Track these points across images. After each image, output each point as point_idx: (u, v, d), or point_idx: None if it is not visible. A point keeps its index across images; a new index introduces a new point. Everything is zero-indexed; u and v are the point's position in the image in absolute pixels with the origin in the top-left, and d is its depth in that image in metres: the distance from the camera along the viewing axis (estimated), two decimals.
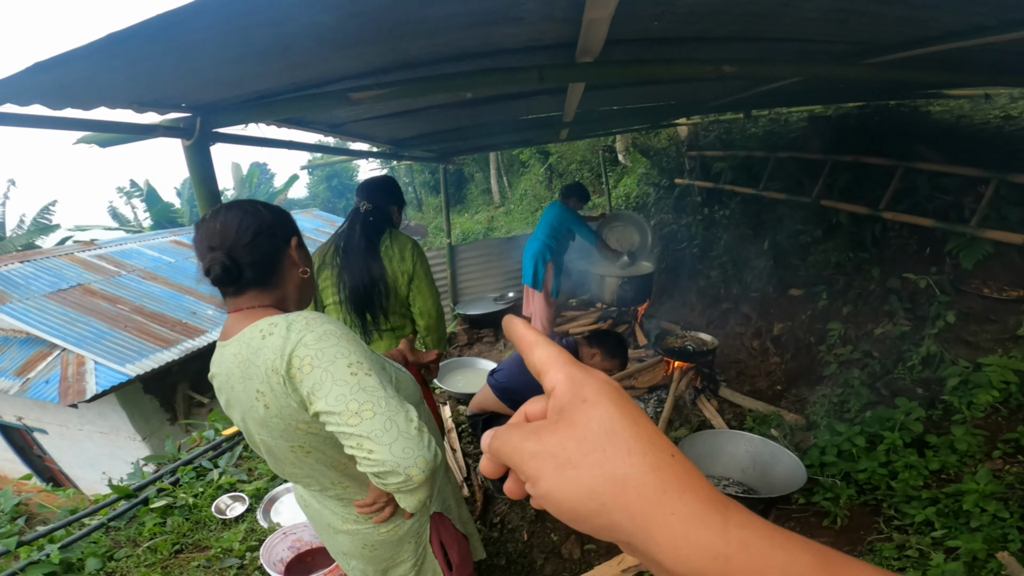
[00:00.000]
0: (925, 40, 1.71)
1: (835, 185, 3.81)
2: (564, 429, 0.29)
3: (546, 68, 1.74)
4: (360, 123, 3.05)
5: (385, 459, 0.94)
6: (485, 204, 16.07)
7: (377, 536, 1.32)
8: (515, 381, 2.84)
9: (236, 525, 2.83)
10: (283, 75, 1.71)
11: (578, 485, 0.27)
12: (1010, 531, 2.04)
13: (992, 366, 2.57)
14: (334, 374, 0.97)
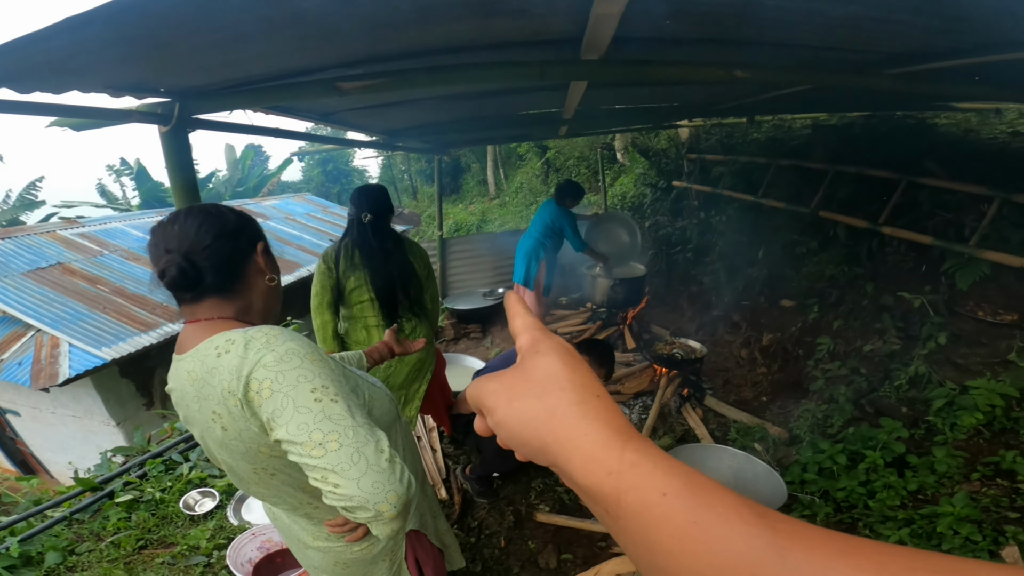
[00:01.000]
0: (953, 52, 1.65)
1: (835, 196, 3.74)
2: (519, 373, 0.37)
3: (549, 64, 1.68)
4: (352, 112, 2.97)
5: (352, 494, 0.86)
6: (480, 195, 15.96)
7: (350, 555, 1.26)
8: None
9: (205, 522, 2.76)
10: (269, 62, 1.64)
11: (522, 413, 0.34)
12: (981, 555, 2.03)
13: (979, 389, 2.56)
14: (296, 400, 0.89)
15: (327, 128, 3.68)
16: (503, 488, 2.99)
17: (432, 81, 1.76)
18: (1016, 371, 2.54)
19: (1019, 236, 2.75)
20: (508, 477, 3.03)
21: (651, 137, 7.52)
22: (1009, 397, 2.50)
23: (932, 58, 1.74)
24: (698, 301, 4.78)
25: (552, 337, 0.38)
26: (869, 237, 3.40)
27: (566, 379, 0.34)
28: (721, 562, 0.25)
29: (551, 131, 5.21)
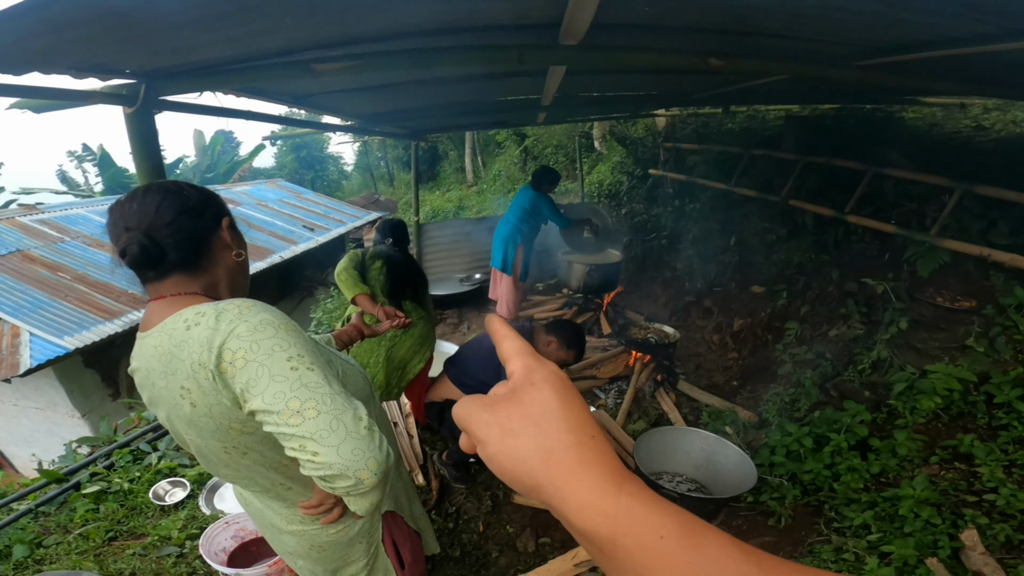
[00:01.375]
0: (921, 45, 1.69)
1: (804, 186, 3.84)
2: (513, 406, 0.36)
3: (527, 48, 1.67)
4: (327, 96, 2.91)
5: (332, 462, 0.86)
6: (458, 183, 15.86)
7: (325, 537, 1.25)
8: (471, 368, 2.81)
9: (176, 512, 2.72)
10: (241, 43, 1.59)
11: (516, 451, 0.34)
12: (940, 537, 2.10)
13: (938, 373, 2.62)
14: (271, 369, 0.88)
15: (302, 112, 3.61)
16: (480, 473, 3.01)
17: (409, 63, 1.74)
18: (973, 356, 2.62)
19: (978, 226, 2.86)
20: None
21: (628, 126, 7.57)
22: (966, 382, 2.57)
23: (900, 51, 1.78)
24: (672, 287, 4.87)
25: (546, 365, 0.38)
26: (836, 225, 3.50)
27: (562, 418, 0.34)
28: None
29: (529, 117, 5.20)
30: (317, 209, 11.04)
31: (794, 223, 3.88)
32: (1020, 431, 2.36)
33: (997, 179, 2.87)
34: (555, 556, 2.42)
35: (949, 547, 2.06)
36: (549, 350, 2.83)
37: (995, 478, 2.25)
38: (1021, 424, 2.38)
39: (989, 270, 2.80)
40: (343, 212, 11.34)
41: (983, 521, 2.13)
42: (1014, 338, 2.57)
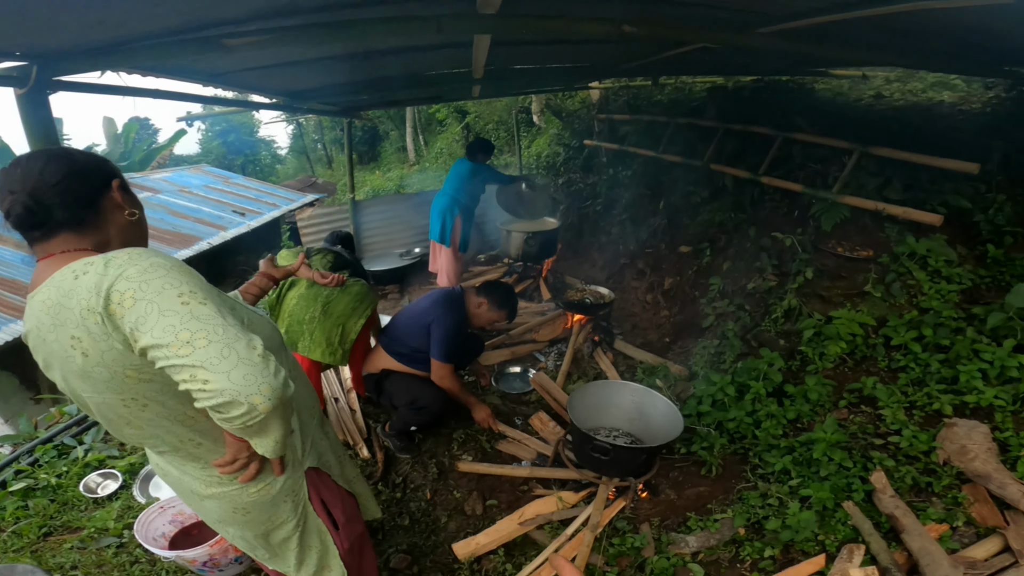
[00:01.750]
0: (814, 11, 1.78)
1: (724, 151, 4.06)
2: None
3: (445, 18, 1.68)
4: (246, 73, 2.81)
5: (223, 387, 0.86)
6: (400, 162, 15.53)
7: (247, 497, 1.24)
8: (403, 336, 2.83)
9: (110, 503, 2.64)
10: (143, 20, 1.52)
11: None
12: (854, 481, 2.23)
13: (841, 319, 2.79)
14: (161, 305, 0.88)
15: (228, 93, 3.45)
16: (425, 442, 3.06)
17: (326, 37, 1.72)
18: (872, 301, 2.85)
19: (874, 183, 3.12)
20: (428, 430, 3.10)
21: (564, 99, 7.67)
22: (867, 326, 2.77)
23: (794, 17, 1.90)
24: (607, 251, 5.05)
25: None
26: (751, 186, 3.74)
27: None
28: None
29: (464, 91, 5.17)
30: (248, 194, 10.52)
31: (715, 186, 4.10)
32: (917, 372, 2.55)
33: (893, 142, 3.13)
34: (502, 517, 2.50)
35: (862, 490, 2.19)
36: (480, 311, 2.88)
37: (897, 420, 2.41)
38: (918, 366, 2.57)
39: (884, 222, 3.07)
40: (277, 196, 10.87)
41: (890, 464, 2.27)
42: (908, 283, 2.82)
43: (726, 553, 2.17)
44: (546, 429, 3.11)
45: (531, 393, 3.53)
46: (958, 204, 2.90)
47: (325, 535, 1.43)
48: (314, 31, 1.68)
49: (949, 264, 2.82)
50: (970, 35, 2.09)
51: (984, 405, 2.34)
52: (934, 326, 2.63)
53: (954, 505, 2.07)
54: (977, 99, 3.81)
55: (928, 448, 2.27)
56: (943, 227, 2.85)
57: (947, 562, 1.80)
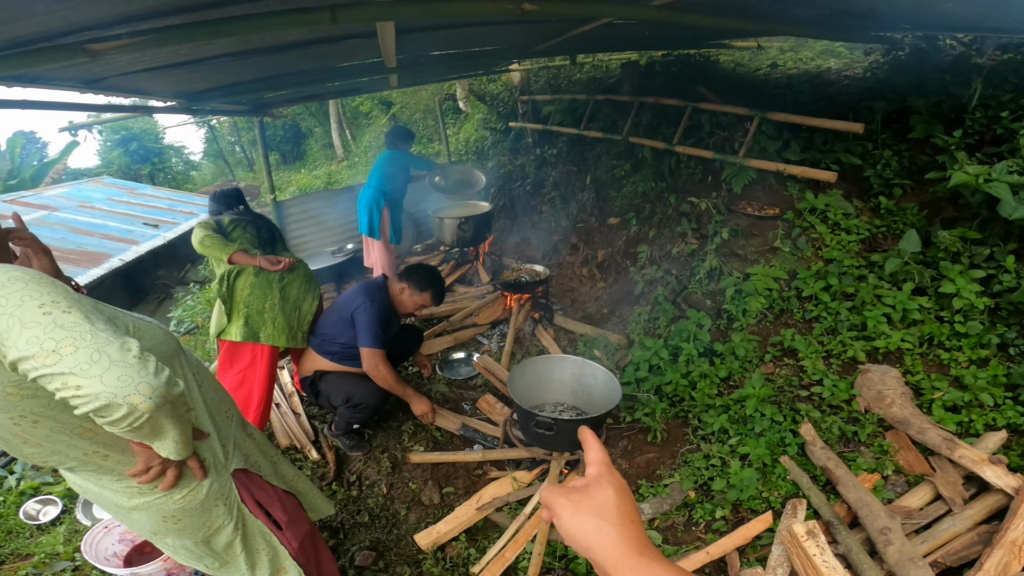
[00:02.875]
0: None
1: (641, 124, 4.21)
2: (585, 495, 0.55)
3: (340, 8, 1.61)
4: (128, 76, 2.59)
5: (97, 391, 0.85)
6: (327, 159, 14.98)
7: (173, 505, 1.21)
8: (331, 334, 2.79)
9: (54, 528, 2.57)
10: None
11: (580, 527, 0.53)
12: (786, 435, 2.35)
13: (758, 275, 2.96)
14: (22, 317, 0.86)
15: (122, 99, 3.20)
16: (375, 437, 3.03)
17: (207, 35, 1.60)
18: (782, 256, 3.05)
19: (774, 146, 3.34)
20: (379, 425, 3.08)
21: (487, 83, 7.65)
22: (780, 279, 2.95)
23: None
24: (541, 229, 5.14)
25: (614, 474, 0.57)
26: (668, 156, 3.90)
27: (615, 507, 0.53)
28: None
29: (382, 82, 5.03)
30: (159, 204, 9.81)
31: (636, 158, 4.26)
32: (830, 321, 2.74)
33: (788, 107, 3.37)
34: (460, 503, 2.52)
35: (795, 444, 2.31)
36: (404, 297, 2.84)
37: (817, 370, 2.56)
38: (829, 315, 2.76)
39: (787, 182, 3.30)
40: (193, 204, 10.21)
41: (816, 415, 2.40)
42: (812, 237, 3.05)
43: (680, 517, 2.26)
44: (494, 411, 3.14)
45: (477, 377, 3.55)
46: (849, 161, 3.16)
47: (269, 536, 1.41)
48: (193, 30, 1.57)
49: (847, 217, 3.07)
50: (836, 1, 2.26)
51: (893, 349, 2.54)
52: (839, 275, 2.86)
53: (881, 453, 2.21)
54: (859, 64, 4.13)
55: (848, 396, 2.43)
56: (839, 183, 3.11)
57: (884, 512, 1.89)
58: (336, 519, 2.55)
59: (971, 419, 2.22)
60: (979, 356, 2.40)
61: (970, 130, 2.90)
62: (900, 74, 3.43)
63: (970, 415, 2.23)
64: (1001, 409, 2.22)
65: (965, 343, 2.45)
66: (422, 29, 2.70)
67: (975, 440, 2.13)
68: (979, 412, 2.23)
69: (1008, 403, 2.22)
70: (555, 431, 2.48)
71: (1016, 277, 2.45)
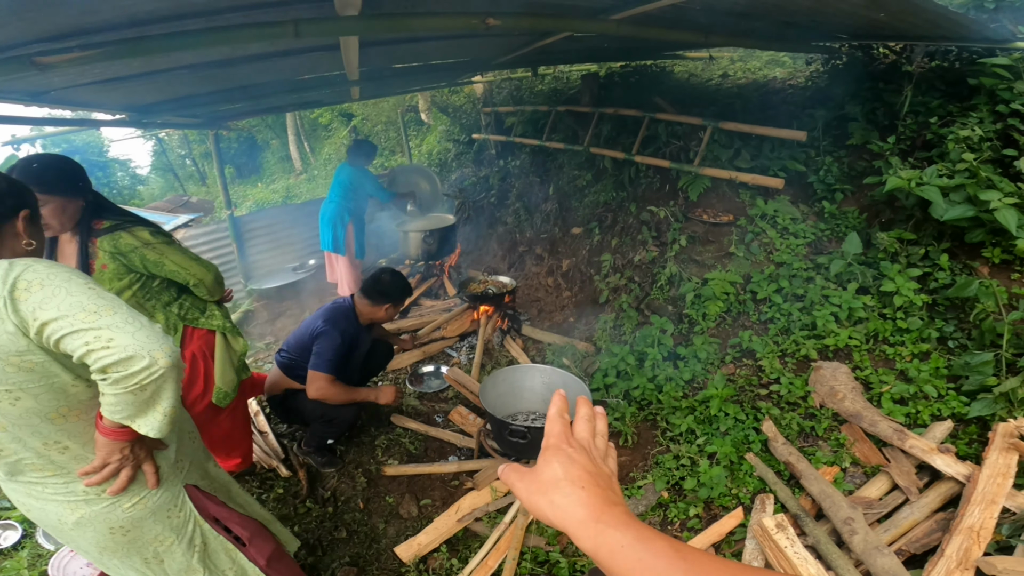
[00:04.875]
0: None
1: (601, 134, 4.34)
2: (534, 475, 0.57)
3: (303, 22, 1.61)
4: (78, 89, 2.52)
5: (128, 343, 0.94)
6: (285, 173, 14.63)
7: (120, 514, 1.16)
8: (296, 354, 2.74)
9: (16, 553, 2.43)
10: None
11: (536, 506, 0.55)
12: (749, 432, 2.43)
13: (715, 279, 3.08)
14: (69, 288, 0.96)
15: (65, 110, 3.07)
16: (348, 453, 2.98)
17: (165, 49, 1.58)
18: (737, 260, 3.20)
19: (726, 155, 3.50)
20: (351, 440, 3.04)
21: (450, 95, 7.68)
22: (736, 283, 3.07)
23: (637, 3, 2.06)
24: (506, 240, 5.19)
25: (560, 446, 0.58)
26: (628, 166, 4.03)
27: (563, 479, 0.54)
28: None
29: (343, 94, 4.99)
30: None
31: (597, 168, 4.37)
32: (783, 322, 2.86)
33: (738, 116, 3.54)
34: (439, 514, 2.51)
35: (759, 441, 2.39)
36: (370, 310, 2.80)
37: (774, 368, 2.66)
38: (781, 316, 2.88)
39: (739, 189, 3.46)
40: None
41: (775, 412, 2.48)
42: (763, 241, 3.20)
43: (655, 517, 2.31)
44: (467, 422, 3.15)
45: (448, 390, 3.55)
46: (794, 168, 3.35)
47: (235, 553, 1.37)
48: (150, 44, 1.54)
49: (794, 221, 3.24)
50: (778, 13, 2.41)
51: (842, 346, 2.67)
52: (789, 277, 3.00)
53: (838, 447, 2.30)
54: (801, 74, 4.37)
55: (804, 393, 2.54)
56: (785, 189, 3.28)
57: (846, 503, 1.97)
58: (313, 536, 2.50)
59: (918, 410, 2.33)
60: (921, 350, 2.53)
61: (903, 135, 3.09)
62: (838, 82, 3.62)
63: (917, 406, 2.34)
64: (945, 400, 2.33)
65: (907, 338, 2.59)
66: (386, 43, 2.71)
67: (923, 430, 2.23)
68: (925, 403, 2.34)
69: (951, 394, 2.34)
70: (529, 439, 2.50)
71: (950, 274, 2.62)
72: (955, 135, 2.76)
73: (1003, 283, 2.46)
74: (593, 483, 0.54)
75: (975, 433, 2.19)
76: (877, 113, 3.29)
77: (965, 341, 2.48)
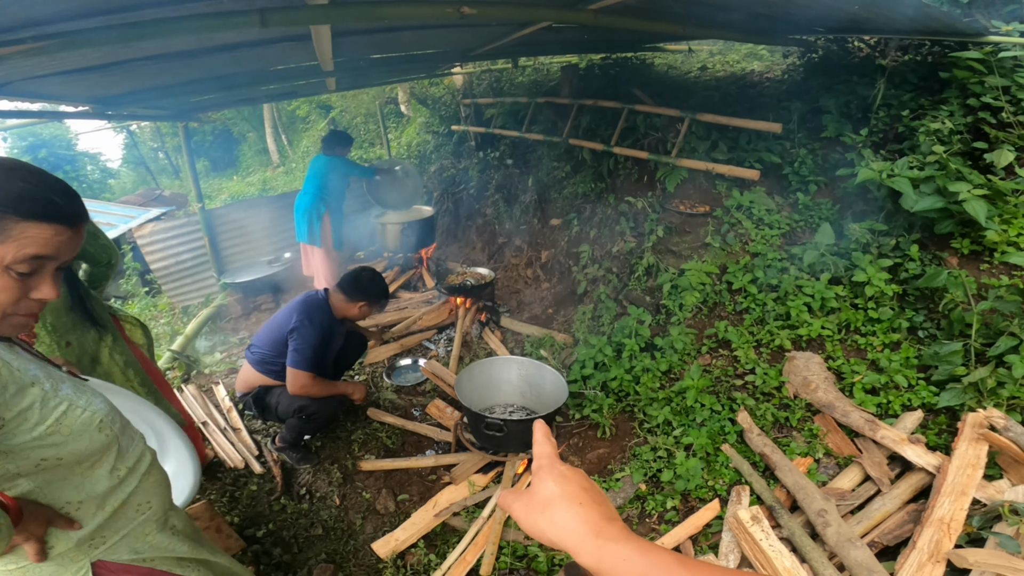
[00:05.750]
0: None
1: (580, 126, 4.33)
2: (531, 495, 0.57)
3: (270, 11, 1.55)
4: (34, 81, 2.40)
5: None
6: (262, 166, 14.34)
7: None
8: (270, 350, 2.68)
9: None
10: None
11: (535, 526, 0.55)
12: (725, 423, 2.43)
13: (692, 270, 3.08)
14: None
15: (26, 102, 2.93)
16: (323, 449, 2.94)
17: (124, 39, 1.52)
18: (713, 251, 3.20)
19: (704, 146, 3.51)
20: (327, 435, 3.00)
21: (429, 86, 7.59)
22: (712, 274, 3.08)
23: None
24: (485, 232, 5.18)
25: (554, 466, 0.58)
26: (606, 157, 4.03)
27: (559, 497, 0.54)
28: None
29: (319, 86, 4.89)
30: None
31: (576, 159, 4.37)
32: (758, 312, 2.87)
33: (715, 108, 3.54)
34: (416, 509, 2.49)
35: (734, 432, 2.39)
36: (345, 307, 2.75)
37: (749, 359, 2.67)
38: (757, 306, 2.89)
39: (715, 180, 3.48)
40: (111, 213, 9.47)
41: (751, 403, 2.49)
42: (739, 232, 3.21)
43: (633, 510, 2.31)
44: (444, 415, 3.12)
45: (425, 383, 3.52)
46: (770, 160, 3.38)
47: None
48: (108, 33, 1.48)
49: (770, 212, 3.27)
50: (755, 5, 2.41)
51: (815, 336, 2.69)
52: (764, 268, 3.02)
53: (812, 437, 2.31)
54: (778, 67, 4.40)
55: (779, 383, 2.55)
56: (761, 181, 3.30)
57: (819, 495, 1.96)
58: (289, 533, 2.47)
59: (889, 400, 2.35)
60: (891, 340, 2.56)
61: (875, 128, 3.13)
62: (814, 75, 3.66)
63: (888, 397, 2.36)
64: (915, 390, 2.35)
65: (878, 328, 2.62)
66: (360, 32, 2.65)
67: (894, 421, 2.25)
68: (896, 394, 2.36)
69: (921, 384, 2.36)
70: (505, 432, 2.49)
71: (920, 264, 2.66)
72: (926, 128, 2.80)
73: (972, 273, 2.49)
74: (590, 500, 0.54)
75: (944, 423, 2.21)
76: (851, 106, 3.33)
77: (935, 331, 2.51)
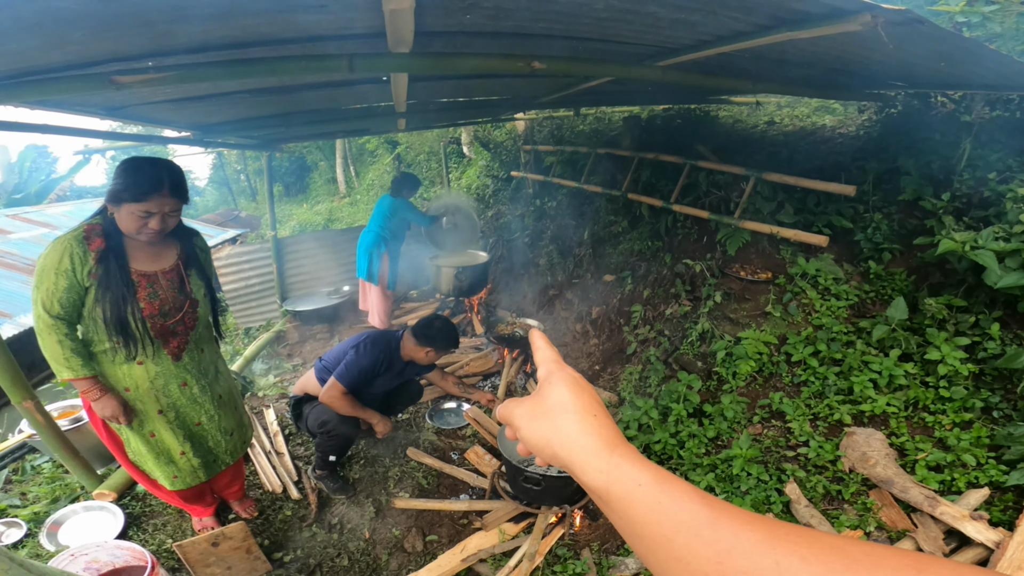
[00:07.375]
0: (699, 44, 1.95)
1: (640, 180, 4.29)
2: (537, 399, 0.49)
3: (357, 57, 1.69)
4: (148, 106, 2.69)
5: None
6: (329, 194, 15.16)
7: None
8: (331, 362, 2.83)
9: (16, 551, 2.47)
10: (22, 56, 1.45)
11: (539, 432, 0.47)
12: (771, 493, 2.34)
13: (749, 339, 2.98)
14: None
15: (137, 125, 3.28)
16: (360, 482, 2.98)
17: (229, 75, 1.68)
18: (773, 320, 3.06)
19: (769, 207, 3.39)
20: (364, 469, 3.05)
21: (492, 130, 7.84)
22: (770, 344, 2.96)
23: (684, 51, 2.06)
24: (537, 282, 5.16)
25: (565, 369, 0.51)
26: (665, 214, 3.97)
27: (571, 403, 0.47)
28: (674, 527, 0.38)
29: (390, 124, 5.17)
30: None
31: (633, 214, 4.33)
32: (817, 386, 2.73)
33: (783, 166, 3.41)
34: (443, 552, 2.47)
35: (780, 502, 2.29)
36: (413, 350, 2.85)
37: (804, 432, 2.56)
38: (817, 379, 2.75)
39: (779, 245, 3.35)
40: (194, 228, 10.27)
41: (801, 475, 2.38)
42: (803, 302, 3.06)
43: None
44: (482, 462, 3.10)
45: (466, 427, 3.51)
46: (841, 224, 3.22)
47: None
48: (217, 69, 1.64)
49: (837, 282, 3.10)
50: (832, 62, 2.37)
51: (879, 413, 2.54)
52: (827, 341, 2.86)
53: (864, 511, 2.19)
54: (853, 122, 4.19)
55: (834, 457, 2.42)
56: (830, 247, 3.13)
57: None
58: (315, 561, 2.50)
59: (953, 478, 2.22)
60: (963, 419, 2.40)
61: (958, 192, 2.91)
62: (892, 133, 3.45)
63: (952, 474, 2.23)
64: (984, 468, 2.22)
65: (949, 407, 2.46)
66: (434, 78, 2.80)
67: (957, 497, 2.13)
68: (961, 471, 2.23)
69: (991, 462, 2.21)
70: (543, 486, 2.46)
71: (1000, 344, 2.47)
72: (1014, 193, 2.61)
73: None
74: (605, 413, 0.47)
75: (1011, 500, 2.07)
76: (932, 167, 3.10)
77: (1010, 411, 2.35)
